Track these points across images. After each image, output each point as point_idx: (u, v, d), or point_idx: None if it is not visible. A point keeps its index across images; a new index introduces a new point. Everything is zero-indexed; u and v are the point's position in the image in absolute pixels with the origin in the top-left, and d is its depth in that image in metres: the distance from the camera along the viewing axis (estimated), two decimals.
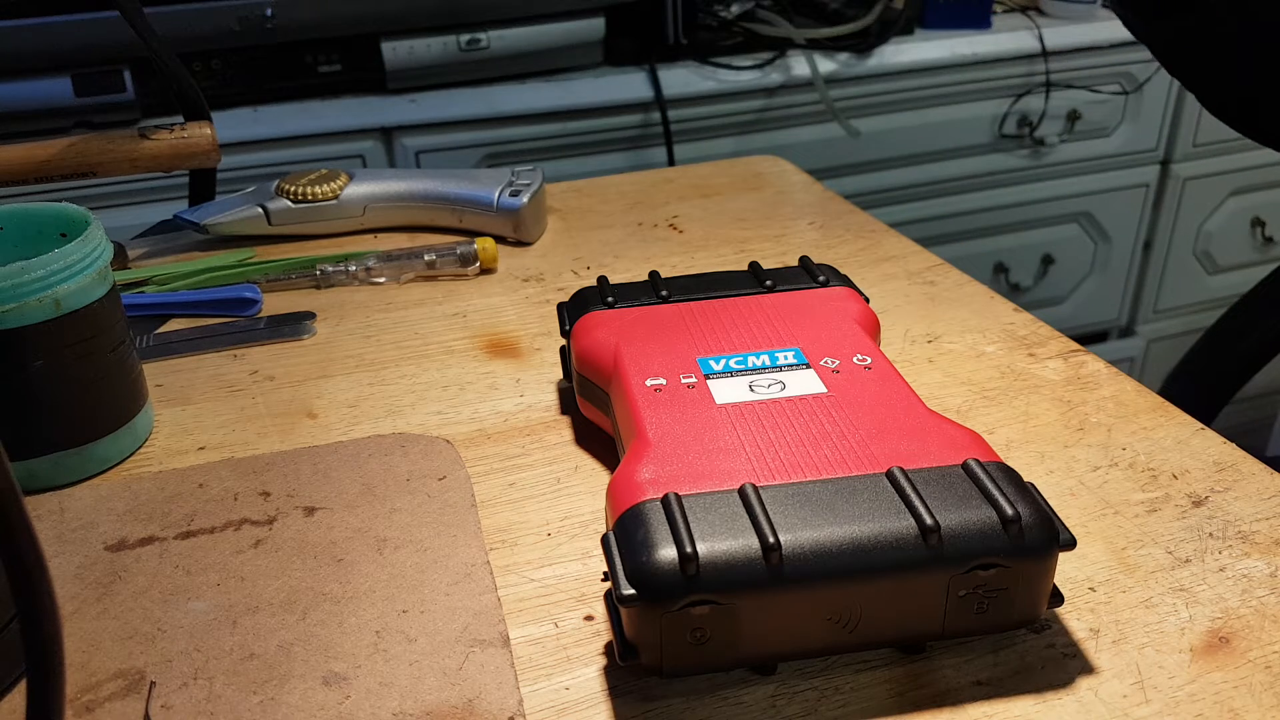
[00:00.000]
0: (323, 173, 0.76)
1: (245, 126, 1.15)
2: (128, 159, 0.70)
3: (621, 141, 1.28)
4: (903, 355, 0.57)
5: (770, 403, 0.42)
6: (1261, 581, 0.40)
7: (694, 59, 1.29)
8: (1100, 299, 1.61)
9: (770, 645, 0.35)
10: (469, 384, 0.57)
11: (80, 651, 0.38)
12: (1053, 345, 0.58)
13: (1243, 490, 0.45)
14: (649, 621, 0.34)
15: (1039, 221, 1.52)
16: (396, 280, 0.69)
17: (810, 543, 0.34)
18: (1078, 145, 1.48)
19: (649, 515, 0.35)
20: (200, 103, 0.73)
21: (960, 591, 0.35)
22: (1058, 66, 1.41)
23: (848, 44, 1.32)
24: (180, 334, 0.63)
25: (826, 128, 1.35)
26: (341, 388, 0.57)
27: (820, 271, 0.53)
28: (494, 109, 1.21)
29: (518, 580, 0.42)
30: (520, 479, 0.48)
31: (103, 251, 0.48)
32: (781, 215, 0.78)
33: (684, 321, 0.49)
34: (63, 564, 0.43)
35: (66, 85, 1.10)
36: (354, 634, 0.39)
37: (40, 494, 0.48)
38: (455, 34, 1.19)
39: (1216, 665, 0.36)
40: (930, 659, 0.37)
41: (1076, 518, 0.44)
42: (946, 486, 0.36)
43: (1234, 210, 1.61)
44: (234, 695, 0.36)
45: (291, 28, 1.13)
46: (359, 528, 0.44)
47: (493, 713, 0.35)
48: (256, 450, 0.51)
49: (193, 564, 0.43)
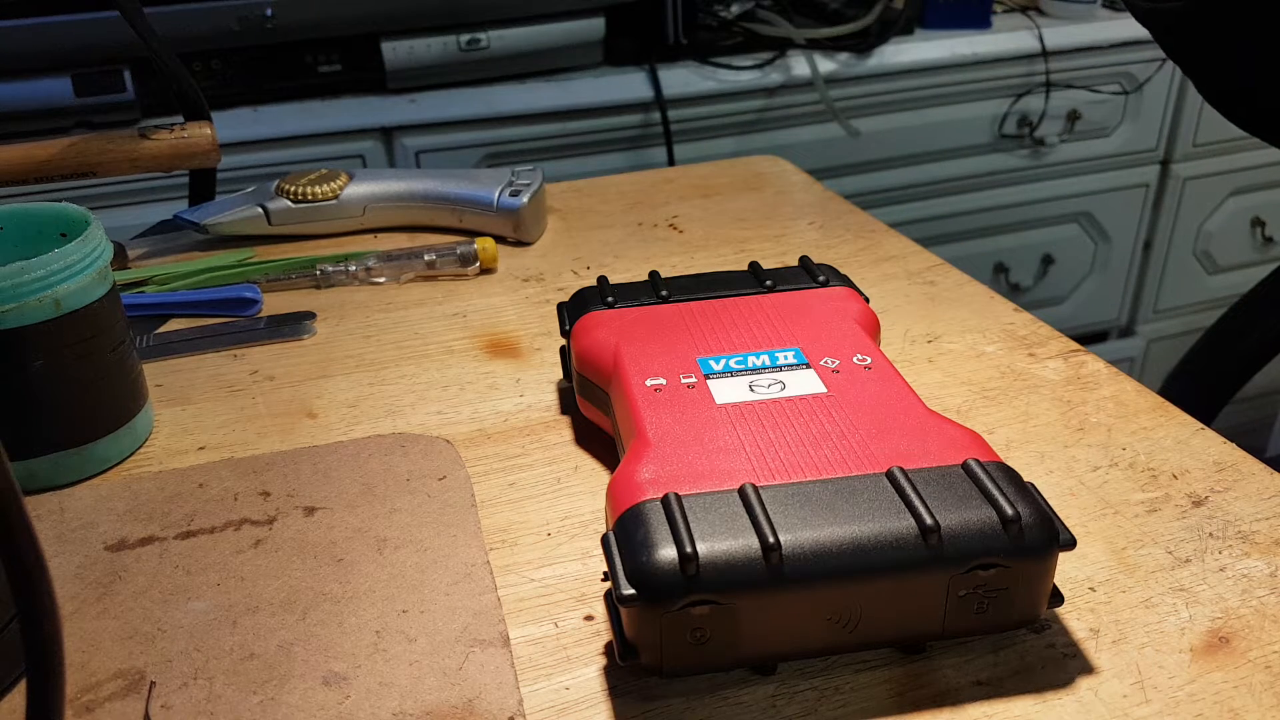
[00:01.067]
0: (323, 173, 0.76)
1: (245, 126, 1.15)
2: (128, 159, 0.70)
3: (621, 141, 1.28)
4: (903, 355, 0.57)
5: (770, 403, 0.42)
6: (1261, 581, 0.40)
7: (694, 59, 1.29)
8: (1100, 299, 1.61)
9: (770, 645, 0.35)
10: (469, 384, 0.57)
11: (80, 651, 0.38)
12: (1053, 345, 0.58)
13: (1243, 490, 0.45)
14: (649, 621, 0.34)
15: (1039, 221, 1.52)
16: (396, 280, 0.69)
17: (810, 543, 0.34)
18: (1078, 145, 1.48)
19: (649, 515, 0.35)
20: (200, 103, 0.73)
21: (960, 591, 0.35)
22: (1058, 66, 1.41)
23: (848, 44, 1.32)
24: (180, 334, 0.63)
25: (826, 128, 1.35)
26: (341, 388, 0.57)
27: (820, 271, 0.53)
28: (494, 109, 1.21)
29: (518, 580, 0.42)
30: (520, 479, 0.48)
31: (103, 251, 0.48)
32: (781, 215, 0.78)
33: (684, 321, 0.49)
34: (63, 564, 0.43)
35: (66, 85, 1.10)
36: (354, 634, 0.39)
37: (40, 494, 0.48)
38: (455, 34, 1.19)
39: (1216, 665, 0.36)
40: (930, 659, 0.37)
41: (1076, 518, 0.44)
42: (946, 486, 0.36)
43: (1234, 210, 1.61)
44: (234, 695, 0.36)
45: (291, 28, 1.13)
46: (359, 528, 0.44)
47: (493, 713, 0.35)
48: (256, 450, 0.51)
49: (193, 564, 0.43)
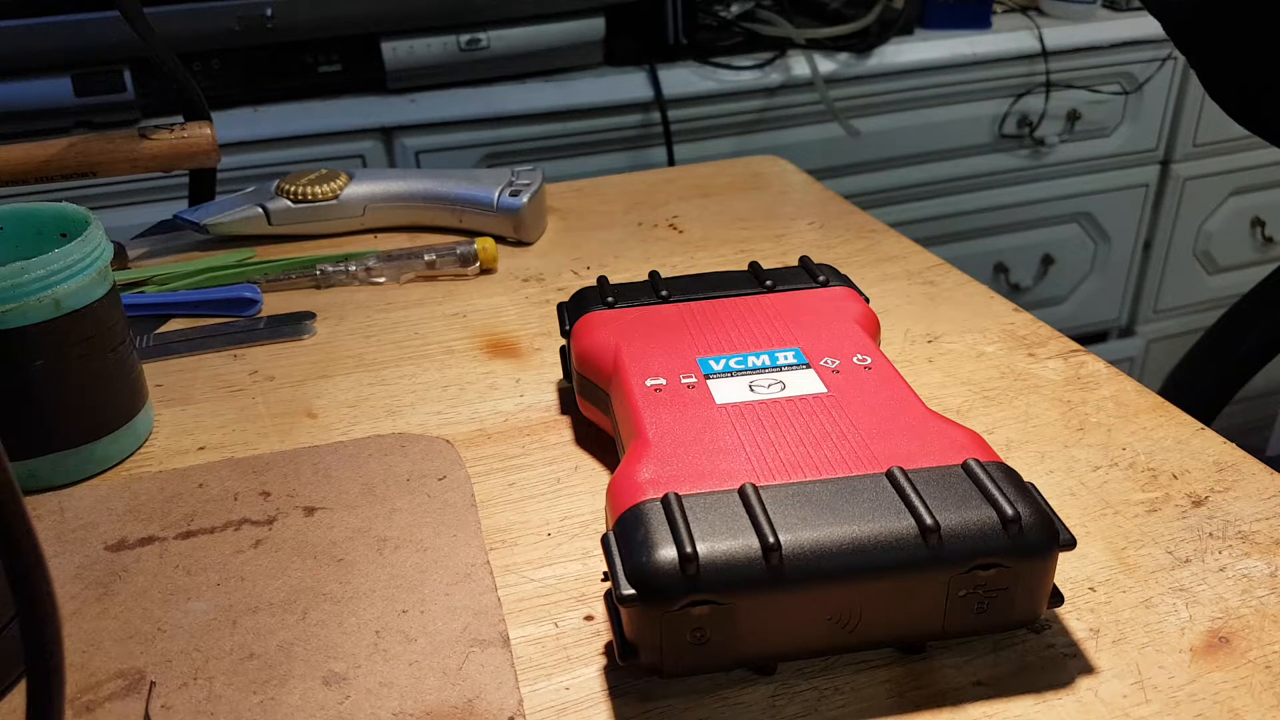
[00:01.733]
0: (323, 173, 0.76)
1: (245, 126, 1.15)
2: (128, 159, 0.70)
3: (621, 141, 1.28)
4: (903, 355, 0.57)
5: (770, 403, 0.42)
6: (1261, 581, 0.40)
7: (694, 59, 1.29)
8: (1100, 299, 1.61)
9: (770, 645, 0.35)
10: (469, 384, 0.57)
11: (80, 651, 0.38)
12: (1053, 345, 0.57)
13: (1243, 490, 0.45)
14: (649, 621, 0.34)
15: (1039, 221, 1.52)
16: (396, 280, 0.69)
17: (810, 543, 0.34)
18: (1078, 145, 1.48)
19: (649, 515, 0.35)
20: (200, 103, 0.73)
21: (960, 591, 0.35)
22: (1058, 66, 1.41)
23: (848, 44, 1.32)
24: (180, 334, 0.63)
25: (826, 128, 1.35)
26: (341, 388, 0.57)
27: (820, 271, 0.53)
28: (494, 109, 1.21)
29: (518, 580, 0.42)
30: (520, 479, 0.48)
31: (103, 251, 0.48)
32: (781, 215, 0.78)
33: (684, 321, 0.49)
34: (63, 564, 0.43)
35: (66, 85, 1.10)
36: (354, 634, 0.39)
37: (40, 494, 0.48)
38: (455, 34, 1.19)
39: (1216, 665, 0.36)
40: (930, 659, 0.37)
41: (1076, 518, 0.44)
42: (946, 486, 0.36)
43: (1234, 210, 1.61)
44: (234, 695, 0.36)
45: (291, 28, 1.13)
46: (359, 528, 0.44)
47: (493, 713, 0.35)
48: (256, 450, 0.51)
49: (193, 564, 0.43)
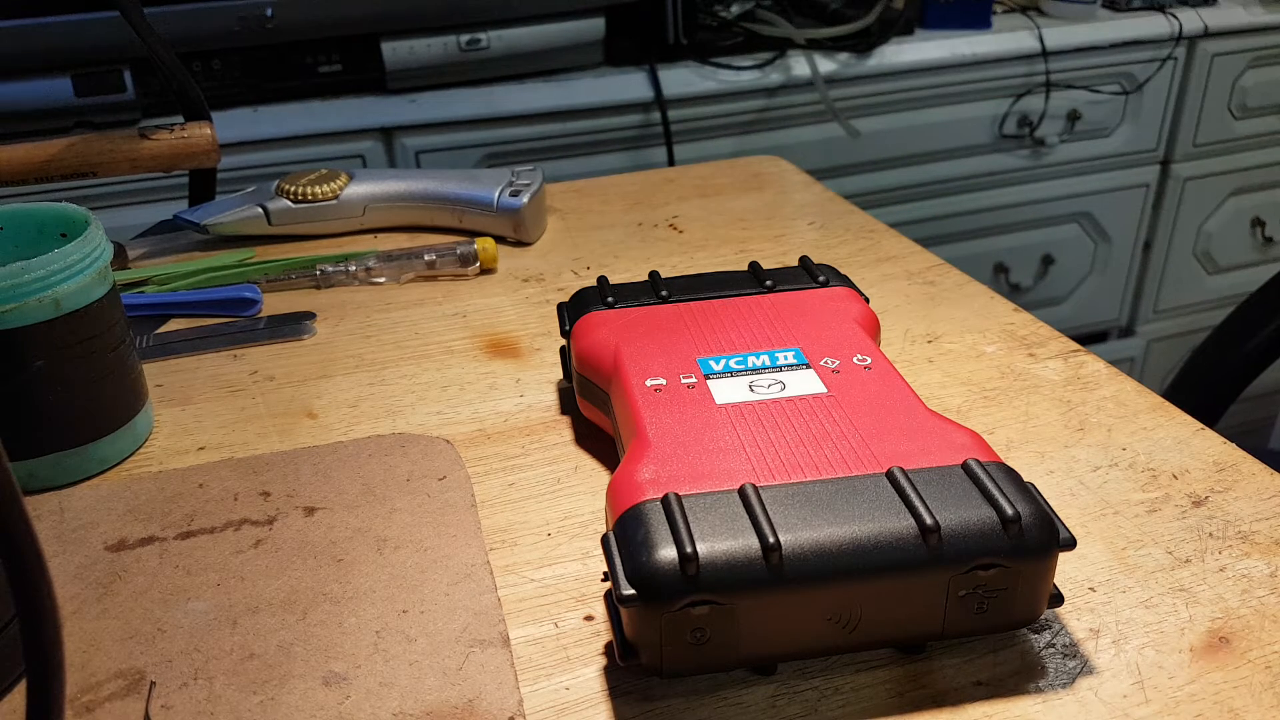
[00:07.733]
0: (323, 173, 0.76)
1: (245, 126, 1.15)
2: (128, 159, 0.70)
3: (621, 141, 1.28)
4: (903, 355, 0.57)
5: (770, 403, 0.42)
6: (1261, 581, 0.40)
7: (694, 59, 1.29)
8: (1100, 299, 1.61)
9: (770, 645, 0.35)
10: (469, 384, 0.57)
11: (80, 651, 0.38)
12: (1053, 345, 0.57)
13: (1243, 490, 0.45)
14: (649, 622, 0.34)
15: (1039, 221, 1.52)
16: (396, 280, 0.69)
17: (810, 543, 0.34)
18: (1078, 145, 1.48)
19: (649, 515, 0.35)
20: (200, 103, 0.73)
21: (960, 591, 0.35)
22: (1058, 66, 1.41)
23: (848, 44, 1.32)
24: (180, 334, 0.63)
25: (826, 128, 1.35)
26: (341, 388, 0.57)
27: (820, 271, 0.53)
28: (494, 109, 1.21)
29: (518, 580, 0.42)
30: (520, 479, 0.48)
31: (103, 251, 0.48)
32: (781, 215, 0.78)
33: (684, 322, 0.49)
34: (63, 564, 0.43)
35: (66, 85, 1.10)
36: (354, 634, 0.39)
37: (40, 494, 0.48)
38: (455, 34, 1.19)
39: (1216, 665, 0.36)
40: (930, 659, 0.37)
41: (1076, 518, 0.44)
42: (946, 486, 0.36)
43: (1234, 210, 1.61)
44: (234, 695, 0.36)
45: (291, 28, 1.13)
46: (359, 528, 0.44)
47: (493, 713, 0.35)
48: (256, 450, 0.51)
49: (193, 564, 0.43)
